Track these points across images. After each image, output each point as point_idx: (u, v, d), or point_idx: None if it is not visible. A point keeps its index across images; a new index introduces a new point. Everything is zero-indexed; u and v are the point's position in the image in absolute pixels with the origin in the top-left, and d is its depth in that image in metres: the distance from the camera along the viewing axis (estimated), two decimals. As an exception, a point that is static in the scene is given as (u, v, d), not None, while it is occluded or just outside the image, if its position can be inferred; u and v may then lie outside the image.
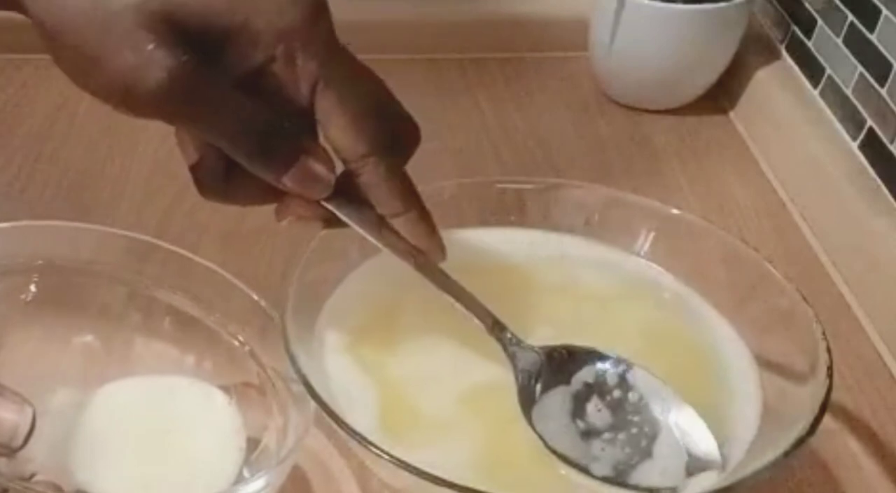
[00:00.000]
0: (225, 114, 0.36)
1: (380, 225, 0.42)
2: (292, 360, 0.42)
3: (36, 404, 0.36)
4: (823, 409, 0.40)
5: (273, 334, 0.47)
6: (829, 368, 0.42)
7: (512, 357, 0.44)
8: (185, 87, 0.34)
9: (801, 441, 0.39)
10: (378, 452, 0.38)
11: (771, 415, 0.44)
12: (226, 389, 0.50)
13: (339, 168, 0.41)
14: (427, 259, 0.43)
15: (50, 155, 0.75)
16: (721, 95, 0.85)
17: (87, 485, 0.45)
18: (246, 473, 0.47)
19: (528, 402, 0.43)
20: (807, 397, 0.42)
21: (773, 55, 0.83)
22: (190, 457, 0.48)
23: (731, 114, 0.84)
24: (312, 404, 0.41)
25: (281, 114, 0.38)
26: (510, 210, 0.53)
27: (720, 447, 0.42)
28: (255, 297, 0.51)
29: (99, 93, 0.35)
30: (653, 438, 0.42)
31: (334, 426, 0.40)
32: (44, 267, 0.51)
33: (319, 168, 0.39)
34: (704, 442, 0.42)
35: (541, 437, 0.42)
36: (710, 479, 0.41)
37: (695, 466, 0.41)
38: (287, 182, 0.39)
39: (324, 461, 0.51)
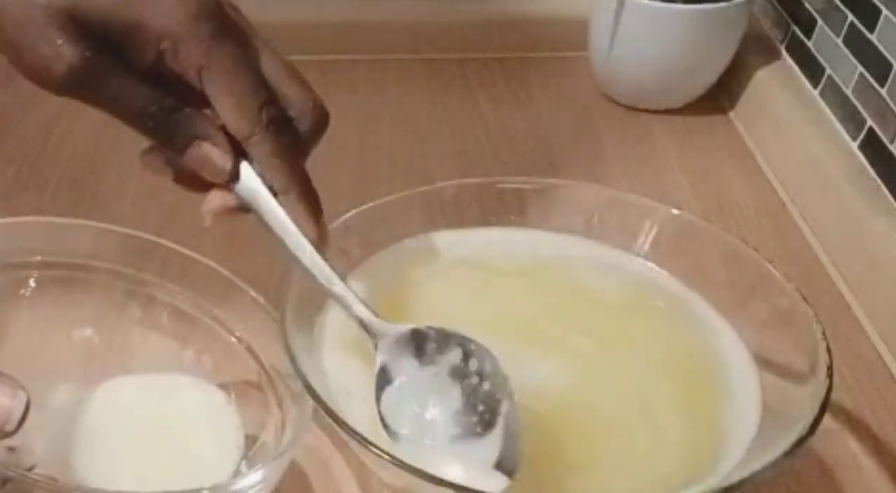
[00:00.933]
0: (123, 99, 0.41)
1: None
2: (292, 359, 0.42)
3: (36, 400, 0.36)
4: (823, 409, 0.40)
5: (272, 332, 0.47)
6: (829, 368, 0.42)
7: (374, 337, 0.43)
8: (88, 77, 0.40)
9: (801, 441, 0.39)
10: (378, 452, 0.38)
11: (771, 415, 0.44)
12: (225, 387, 0.50)
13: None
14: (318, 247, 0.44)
15: (50, 154, 0.74)
16: (721, 95, 0.85)
17: (86, 480, 0.45)
18: (244, 470, 0.47)
19: (384, 382, 0.43)
20: (807, 397, 0.42)
21: (773, 55, 0.83)
22: (188, 454, 0.48)
23: (731, 114, 0.84)
24: (311, 401, 0.41)
25: (180, 100, 0.42)
26: (510, 210, 0.53)
27: (719, 446, 0.42)
28: (255, 295, 0.51)
29: (24, 74, 0.40)
30: (484, 432, 0.41)
31: (334, 425, 0.39)
32: (42, 263, 0.51)
33: (214, 152, 0.42)
34: (514, 450, 0.41)
35: (381, 416, 0.42)
36: (499, 483, 0.40)
37: (502, 468, 0.40)
38: (188, 162, 0.43)
39: (323, 459, 0.51)
